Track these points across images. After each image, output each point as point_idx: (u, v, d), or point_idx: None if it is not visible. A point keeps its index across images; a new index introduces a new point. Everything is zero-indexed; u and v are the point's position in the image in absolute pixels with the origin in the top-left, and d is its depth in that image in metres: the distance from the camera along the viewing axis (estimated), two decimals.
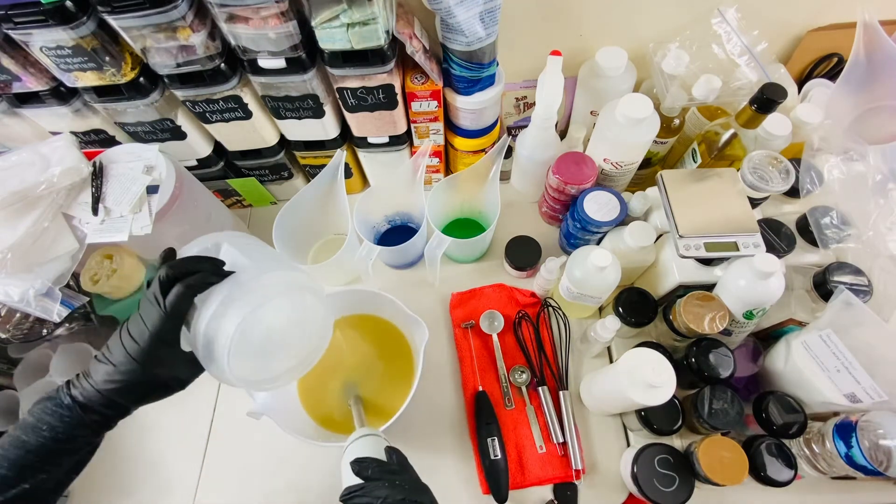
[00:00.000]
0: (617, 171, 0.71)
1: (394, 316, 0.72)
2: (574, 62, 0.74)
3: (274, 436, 0.59)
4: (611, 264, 0.61)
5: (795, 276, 0.65)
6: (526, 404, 0.70)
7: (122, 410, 0.41)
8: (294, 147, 0.78)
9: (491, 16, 0.58)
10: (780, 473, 0.56)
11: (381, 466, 0.47)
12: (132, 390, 0.40)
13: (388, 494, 0.43)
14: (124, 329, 0.40)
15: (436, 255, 0.70)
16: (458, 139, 0.77)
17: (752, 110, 0.61)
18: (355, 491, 0.44)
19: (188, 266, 0.40)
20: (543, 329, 0.75)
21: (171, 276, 0.39)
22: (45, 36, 0.52)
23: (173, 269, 0.39)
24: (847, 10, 0.71)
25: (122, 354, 0.39)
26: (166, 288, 0.39)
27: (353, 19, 0.54)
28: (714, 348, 0.60)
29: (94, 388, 0.39)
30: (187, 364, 0.42)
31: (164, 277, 0.39)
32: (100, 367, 0.40)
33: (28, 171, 0.57)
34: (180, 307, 0.39)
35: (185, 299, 0.39)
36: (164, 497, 0.70)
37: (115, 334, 0.40)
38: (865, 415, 0.54)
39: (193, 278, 0.39)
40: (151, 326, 0.38)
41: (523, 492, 0.66)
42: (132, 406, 0.42)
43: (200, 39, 0.55)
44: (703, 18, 0.70)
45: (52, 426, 0.39)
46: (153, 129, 0.68)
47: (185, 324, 0.41)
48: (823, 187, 0.68)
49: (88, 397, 0.40)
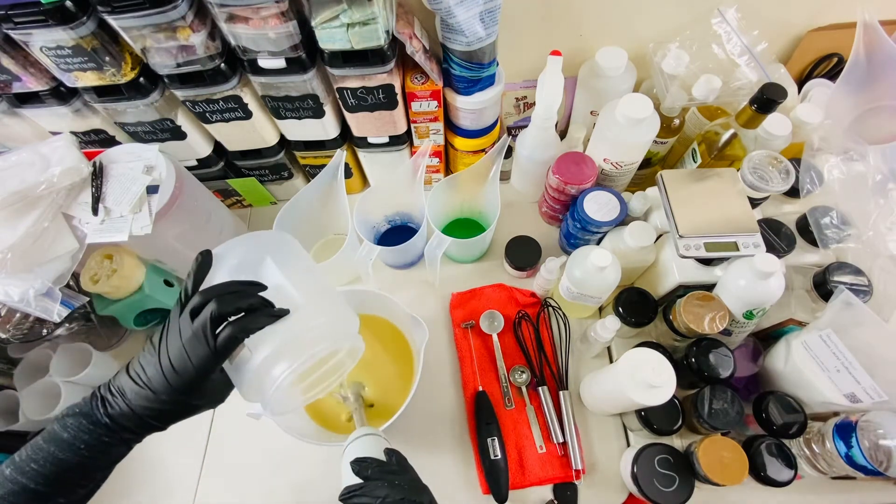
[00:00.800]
0: (617, 171, 0.71)
1: (394, 316, 0.72)
2: (574, 62, 0.74)
3: (274, 436, 0.59)
4: (611, 264, 0.61)
5: (795, 276, 0.65)
6: (526, 404, 0.70)
7: (157, 430, 0.41)
8: (294, 147, 0.78)
9: (491, 16, 0.58)
10: (780, 473, 0.56)
11: (381, 466, 0.47)
12: (171, 417, 0.40)
13: (388, 494, 0.43)
14: (164, 355, 0.38)
15: (436, 255, 0.70)
16: (458, 139, 0.77)
17: (752, 110, 0.61)
18: (355, 490, 0.44)
19: (238, 302, 0.38)
20: (543, 329, 0.75)
21: (222, 314, 0.37)
22: (45, 36, 0.52)
23: (222, 306, 0.37)
24: (847, 10, 0.71)
25: (163, 384, 0.38)
26: (216, 323, 0.37)
27: (353, 19, 0.54)
28: (714, 348, 0.60)
29: (131, 411, 0.39)
30: (224, 387, 0.42)
31: (215, 314, 0.37)
32: (137, 391, 0.38)
33: (28, 171, 0.57)
34: (230, 349, 0.38)
35: (236, 343, 0.38)
36: (164, 497, 0.70)
37: (153, 357, 0.38)
38: (865, 415, 0.54)
39: (247, 322, 0.38)
40: (197, 362, 0.37)
41: (523, 492, 0.66)
42: (167, 426, 0.42)
43: (200, 39, 0.55)
44: (703, 18, 0.70)
45: (89, 445, 0.39)
46: (153, 129, 0.68)
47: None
48: (823, 187, 0.68)
49: (125, 417, 0.39)
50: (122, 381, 0.39)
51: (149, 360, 0.39)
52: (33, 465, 0.38)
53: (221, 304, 0.37)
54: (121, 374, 0.40)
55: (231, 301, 0.38)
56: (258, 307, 0.39)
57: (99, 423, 0.39)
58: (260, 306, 0.39)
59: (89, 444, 0.39)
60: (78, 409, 0.39)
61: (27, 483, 0.37)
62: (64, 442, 0.38)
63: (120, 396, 0.39)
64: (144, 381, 0.38)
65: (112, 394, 0.39)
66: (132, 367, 0.39)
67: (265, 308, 0.39)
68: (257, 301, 0.39)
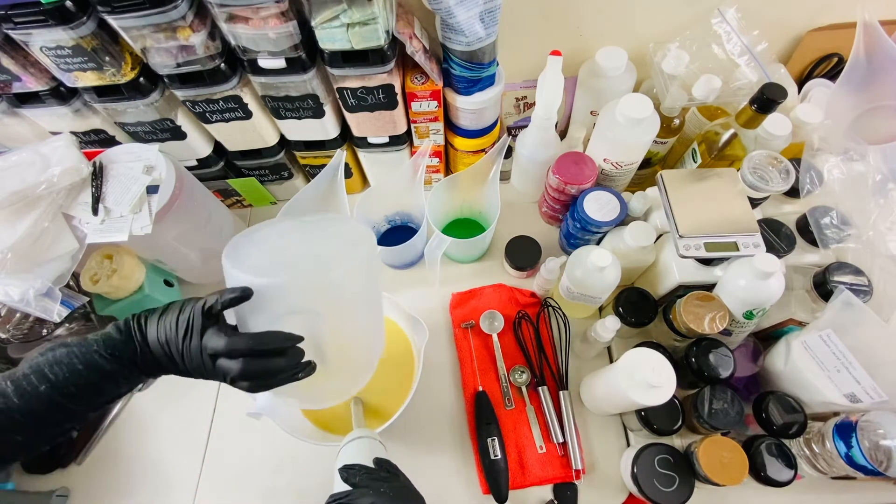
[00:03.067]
0: (617, 171, 0.71)
1: (394, 316, 0.72)
2: (574, 62, 0.74)
3: (274, 436, 0.59)
4: (611, 264, 0.61)
5: (795, 276, 0.65)
6: (526, 404, 0.70)
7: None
8: (294, 147, 0.78)
9: (491, 16, 0.58)
10: (780, 473, 0.56)
11: (370, 474, 0.47)
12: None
13: (374, 502, 0.43)
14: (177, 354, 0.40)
15: (436, 255, 0.69)
16: (458, 139, 0.77)
17: (752, 110, 0.61)
18: (340, 498, 0.44)
19: (265, 366, 0.40)
20: (543, 329, 0.75)
21: (252, 373, 0.40)
22: (45, 36, 0.52)
23: (247, 370, 0.39)
24: (847, 10, 0.71)
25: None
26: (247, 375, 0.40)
27: (353, 19, 0.54)
28: (714, 348, 0.60)
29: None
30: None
31: (236, 376, 0.39)
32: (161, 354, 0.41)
33: (28, 171, 0.57)
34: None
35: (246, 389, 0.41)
36: (164, 497, 0.70)
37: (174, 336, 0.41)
38: (865, 415, 0.54)
39: (268, 382, 0.41)
40: (200, 376, 0.41)
41: (523, 492, 0.66)
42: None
43: (200, 39, 0.55)
44: (703, 18, 0.70)
45: (128, 381, 0.42)
46: (153, 129, 0.68)
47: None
48: (823, 187, 0.68)
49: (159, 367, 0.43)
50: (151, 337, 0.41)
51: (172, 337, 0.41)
52: (72, 388, 0.39)
53: (246, 369, 0.39)
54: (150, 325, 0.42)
55: (259, 366, 0.39)
56: (285, 369, 0.41)
57: (136, 363, 0.41)
58: (287, 369, 0.41)
59: (129, 379, 0.41)
60: (118, 350, 0.41)
61: (63, 402, 0.39)
62: (105, 371, 0.40)
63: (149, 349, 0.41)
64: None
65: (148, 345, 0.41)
66: (159, 331, 0.41)
67: (292, 369, 0.41)
68: (287, 365, 0.41)
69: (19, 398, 0.38)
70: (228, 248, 0.45)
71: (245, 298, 0.40)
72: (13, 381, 0.38)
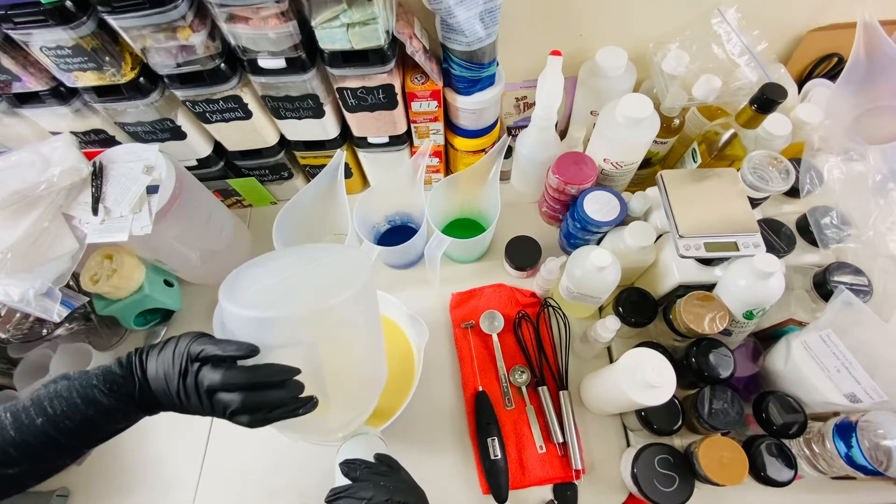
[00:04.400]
0: (617, 171, 0.71)
1: (394, 315, 0.72)
2: (574, 62, 0.74)
3: (274, 436, 0.59)
4: (611, 264, 0.61)
5: (795, 276, 0.65)
6: (526, 404, 0.70)
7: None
8: (294, 147, 0.78)
9: (491, 16, 0.58)
10: (780, 473, 0.56)
11: (370, 468, 0.47)
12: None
13: (373, 495, 0.43)
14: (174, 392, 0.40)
15: (436, 255, 0.70)
16: (458, 139, 0.77)
17: (752, 110, 0.61)
18: (340, 492, 0.44)
19: (264, 400, 0.40)
20: (543, 329, 0.75)
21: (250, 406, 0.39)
22: (45, 36, 0.52)
23: (247, 403, 0.39)
24: (847, 10, 0.71)
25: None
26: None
27: (353, 19, 0.54)
28: (714, 348, 0.60)
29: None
30: None
31: (236, 409, 0.39)
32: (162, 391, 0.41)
33: (28, 171, 0.57)
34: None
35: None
36: (164, 497, 0.70)
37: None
38: (865, 415, 0.54)
39: (266, 416, 0.40)
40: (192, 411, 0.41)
41: (523, 492, 0.66)
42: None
43: (200, 39, 0.55)
44: (703, 18, 0.70)
45: (127, 417, 0.42)
46: (153, 129, 0.68)
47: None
48: (823, 187, 0.68)
49: (157, 404, 0.42)
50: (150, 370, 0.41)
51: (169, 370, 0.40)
52: (68, 422, 0.38)
53: (245, 402, 0.39)
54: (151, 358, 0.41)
55: (258, 399, 0.39)
56: (285, 402, 0.41)
57: (134, 399, 0.41)
58: (287, 401, 0.41)
59: (127, 416, 0.41)
60: (117, 385, 0.40)
61: (59, 437, 0.38)
62: (103, 407, 0.39)
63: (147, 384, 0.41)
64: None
65: (145, 379, 0.41)
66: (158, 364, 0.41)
67: (292, 402, 0.41)
68: (286, 397, 0.40)
69: (16, 431, 0.37)
70: (226, 282, 0.45)
71: (250, 356, 0.40)
72: (13, 414, 0.38)
